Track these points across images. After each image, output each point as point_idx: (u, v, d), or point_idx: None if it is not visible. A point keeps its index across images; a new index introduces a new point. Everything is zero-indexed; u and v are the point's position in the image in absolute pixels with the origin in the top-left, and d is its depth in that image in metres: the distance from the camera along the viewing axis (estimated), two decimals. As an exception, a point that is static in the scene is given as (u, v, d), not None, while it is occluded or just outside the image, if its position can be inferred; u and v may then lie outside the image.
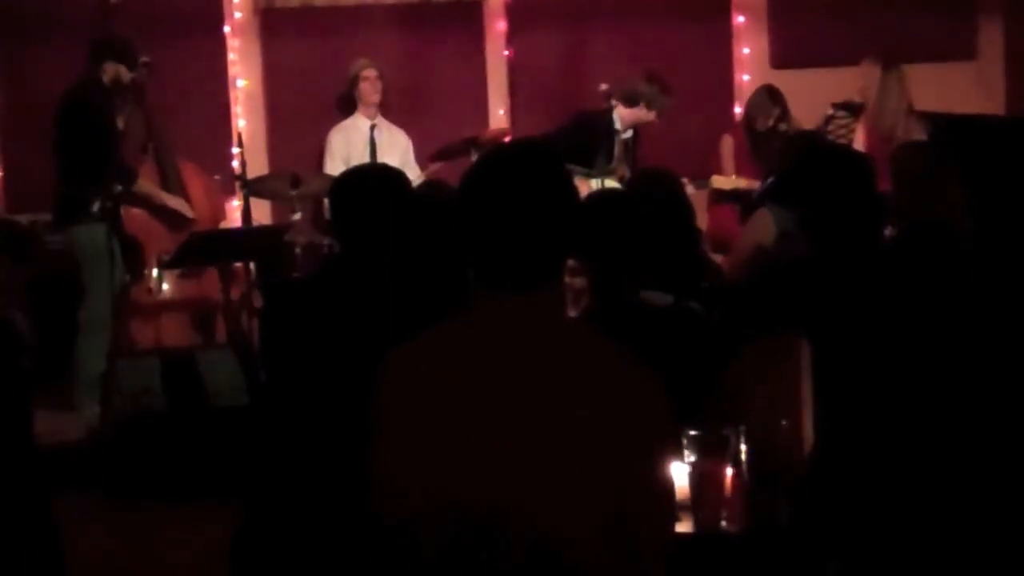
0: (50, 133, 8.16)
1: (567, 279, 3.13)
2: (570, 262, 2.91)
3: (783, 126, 8.97)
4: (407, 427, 2.66)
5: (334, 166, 8.90)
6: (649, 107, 8.98)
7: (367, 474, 2.73)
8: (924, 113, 8.05)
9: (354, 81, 9.31)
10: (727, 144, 9.20)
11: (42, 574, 4.69)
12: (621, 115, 9.03)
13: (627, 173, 8.80)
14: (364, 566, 2.93)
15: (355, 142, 9.25)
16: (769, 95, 9.15)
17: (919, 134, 7.80)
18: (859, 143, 8.48)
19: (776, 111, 9.08)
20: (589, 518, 2.54)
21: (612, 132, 9.00)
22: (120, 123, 8.33)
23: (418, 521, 2.61)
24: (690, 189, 8.50)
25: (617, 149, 8.94)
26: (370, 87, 9.29)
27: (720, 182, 8.88)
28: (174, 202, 8.54)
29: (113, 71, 8.24)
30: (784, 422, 3.84)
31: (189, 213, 8.57)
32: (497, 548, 2.55)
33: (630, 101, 9.02)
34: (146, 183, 8.44)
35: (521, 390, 2.60)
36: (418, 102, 9.81)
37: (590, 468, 2.55)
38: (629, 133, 9.07)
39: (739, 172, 8.99)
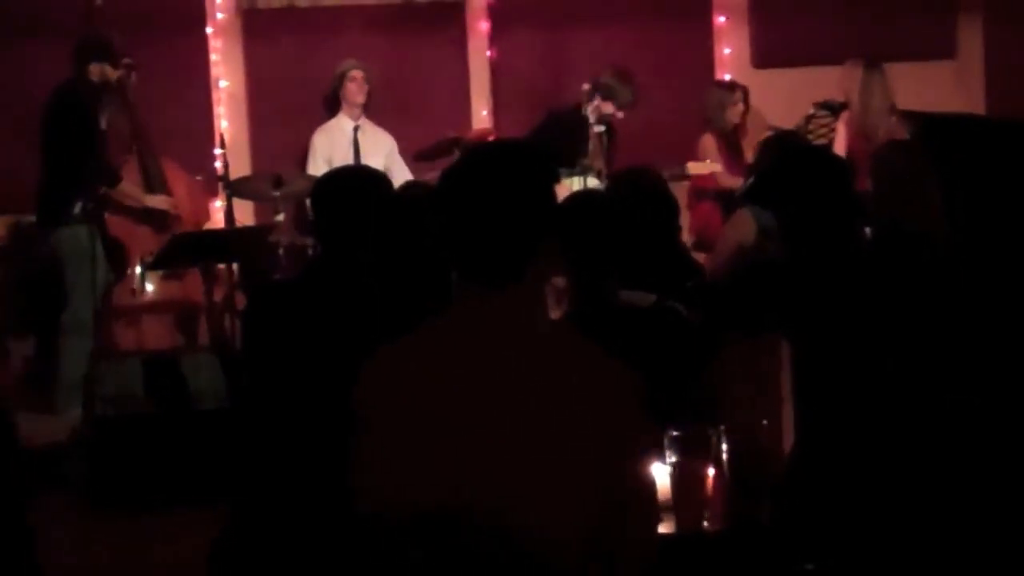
0: (34, 134, 8.17)
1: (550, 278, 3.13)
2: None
3: (749, 116, 9.06)
4: (388, 427, 2.67)
5: (317, 167, 8.90)
6: (605, 97, 9.00)
7: (350, 476, 2.74)
8: (906, 112, 8.07)
9: (340, 81, 9.31)
10: (708, 142, 9.22)
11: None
12: (591, 108, 9.08)
13: (603, 167, 8.84)
14: (347, 568, 2.94)
15: (339, 143, 9.25)
16: (727, 88, 9.27)
17: (901, 133, 7.82)
18: (840, 142, 8.50)
19: (737, 94, 9.15)
20: (570, 519, 2.55)
21: (585, 126, 9.02)
22: (103, 123, 8.32)
23: (400, 522, 2.61)
24: (667, 175, 8.59)
25: (592, 143, 8.94)
26: (356, 88, 9.29)
27: (696, 168, 8.91)
28: (156, 202, 8.54)
29: (99, 71, 8.25)
30: (765, 422, 3.85)
31: (172, 209, 8.58)
32: (477, 548, 2.56)
33: (592, 93, 9.08)
34: (129, 185, 8.43)
35: (500, 391, 2.61)
36: (401, 103, 9.80)
37: (570, 468, 2.55)
38: (602, 127, 9.08)
39: (728, 167, 9.02)
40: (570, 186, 8.37)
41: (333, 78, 9.32)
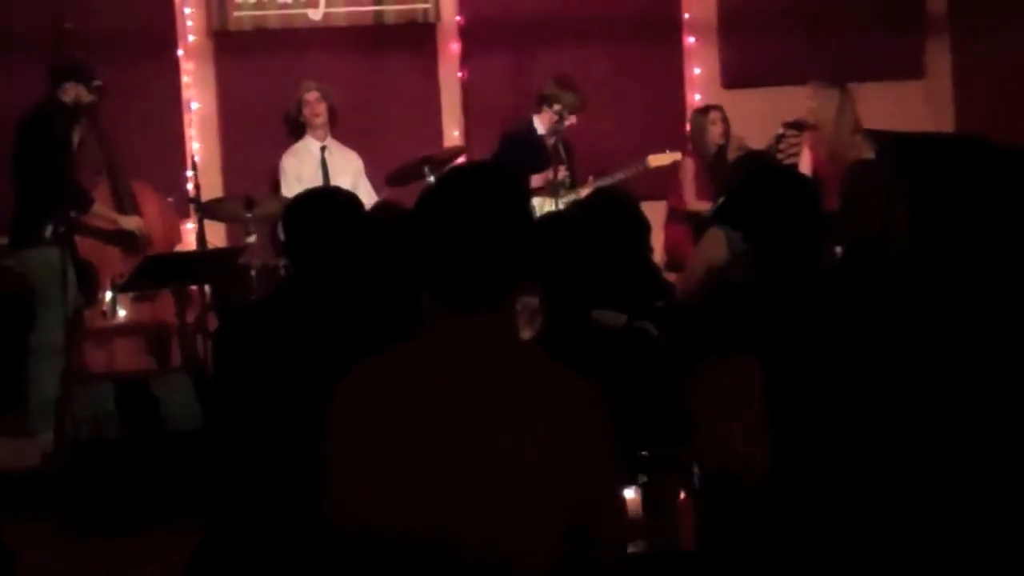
0: (4, 156, 8.15)
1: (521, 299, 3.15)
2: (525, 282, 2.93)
3: (733, 137, 9.05)
4: (361, 446, 2.67)
5: (290, 189, 8.90)
6: (552, 105, 9.05)
7: (323, 495, 2.75)
8: (871, 132, 8.11)
9: (299, 104, 9.33)
10: (686, 166, 9.20)
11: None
12: (541, 121, 9.12)
13: (566, 174, 8.88)
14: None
15: (307, 164, 9.24)
16: (700, 112, 9.28)
17: (869, 153, 7.86)
18: (804, 162, 8.54)
19: (712, 114, 9.15)
20: (540, 541, 2.55)
21: (538, 140, 9.06)
22: (75, 146, 8.31)
23: (372, 540, 2.62)
24: (630, 172, 8.65)
25: (551, 155, 8.99)
26: (311, 110, 9.29)
27: (657, 160, 8.95)
28: (130, 223, 8.53)
29: (74, 92, 8.24)
30: (736, 442, 3.86)
31: (144, 231, 8.56)
32: (448, 567, 2.56)
33: (539, 104, 9.12)
34: (101, 207, 8.42)
35: (472, 411, 2.62)
36: (373, 123, 9.82)
37: (540, 488, 2.56)
38: (555, 138, 9.11)
39: (699, 195, 9.03)
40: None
41: (293, 102, 9.35)
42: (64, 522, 6.95)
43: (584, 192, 8.63)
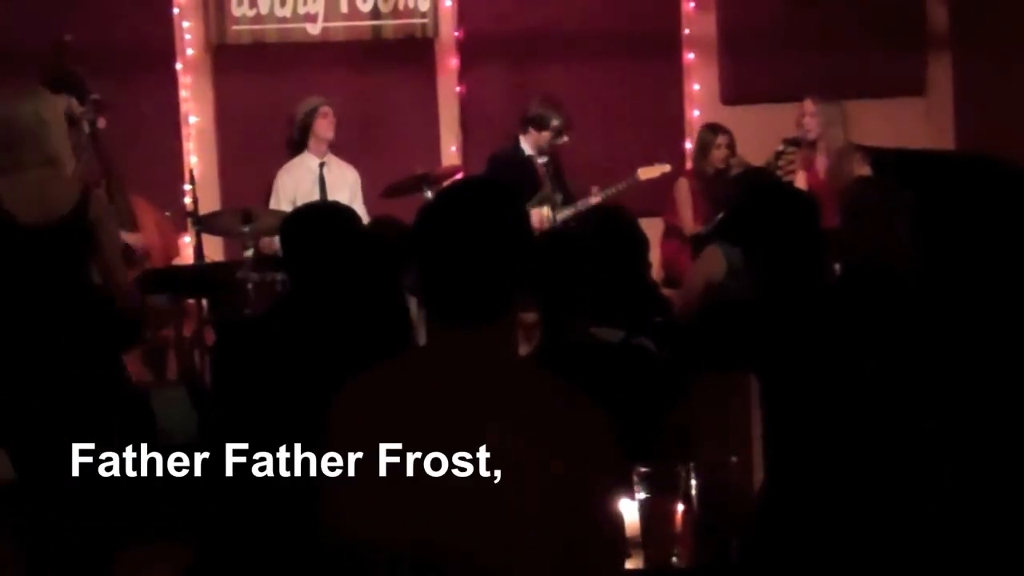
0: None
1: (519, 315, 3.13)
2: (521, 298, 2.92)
3: (734, 161, 9.01)
4: (357, 460, 2.66)
5: (279, 205, 8.89)
6: (539, 128, 9.05)
7: (319, 509, 2.74)
8: (866, 148, 8.10)
9: (309, 117, 9.28)
10: (682, 186, 9.20)
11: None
12: (528, 142, 9.11)
13: (558, 195, 8.87)
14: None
15: (304, 181, 9.19)
16: (710, 130, 9.23)
17: (865, 169, 7.85)
18: (801, 179, 8.53)
19: (720, 137, 9.10)
20: (537, 554, 2.54)
21: (526, 160, 9.05)
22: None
23: (368, 555, 2.61)
24: (621, 186, 8.65)
25: (541, 175, 8.98)
26: (328, 124, 9.23)
27: (647, 173, 8.95)
28: (128, 239, 8.51)
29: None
30: (734, 458, 3.86)
31: (141, 250, 8.55)
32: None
33: (526, 126, 9.11)
34: None
35: (469, 426, 2.61)
36: (370, 139, 9.80)
37: (538, 504, 2.55)
38: (544, 158, 9.10)
39: (696, 215, 9.02)
40: (541, 216, 8.46)
41: (298, 117, 9.29)
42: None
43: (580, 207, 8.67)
